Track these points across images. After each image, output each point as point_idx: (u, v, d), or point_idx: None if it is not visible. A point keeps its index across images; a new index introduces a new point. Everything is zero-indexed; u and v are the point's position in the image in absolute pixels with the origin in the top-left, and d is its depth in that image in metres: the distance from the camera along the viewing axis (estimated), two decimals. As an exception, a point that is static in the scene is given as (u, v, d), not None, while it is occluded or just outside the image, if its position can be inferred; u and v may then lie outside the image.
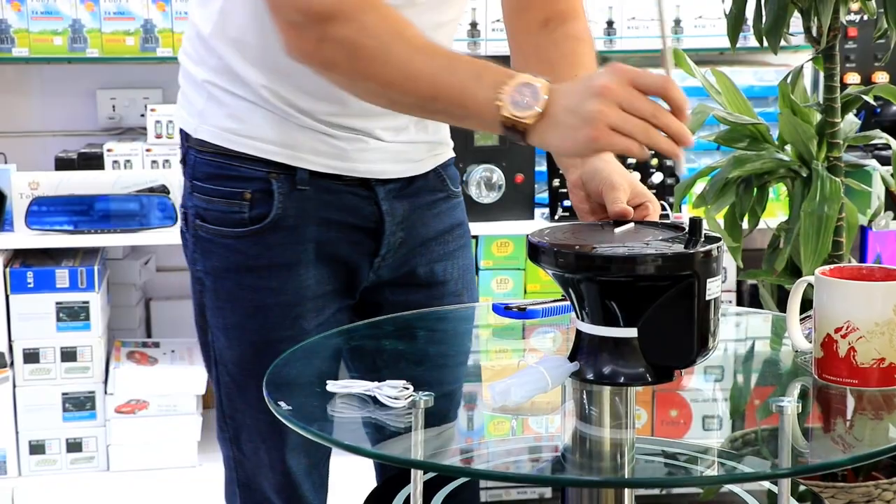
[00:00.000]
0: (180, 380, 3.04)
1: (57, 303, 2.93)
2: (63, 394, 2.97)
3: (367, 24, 1.32)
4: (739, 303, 3.25)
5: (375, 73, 1.32)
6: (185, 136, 1.58)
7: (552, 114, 1.25)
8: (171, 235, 2.94)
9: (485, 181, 3.00)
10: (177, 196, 2.95)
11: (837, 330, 1.27)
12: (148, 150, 3.04)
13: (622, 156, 1.31)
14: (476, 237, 3.06)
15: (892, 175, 2.27)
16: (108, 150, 3.03)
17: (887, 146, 2.30)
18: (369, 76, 1.33)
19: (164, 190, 2.94)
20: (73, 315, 2.94)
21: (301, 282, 1.54)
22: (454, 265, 1.66)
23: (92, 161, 3.02)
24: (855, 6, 2.22)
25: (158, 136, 3.05)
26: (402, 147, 1.58)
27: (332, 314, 1.57)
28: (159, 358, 3.13)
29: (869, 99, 2.28)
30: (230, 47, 1.50)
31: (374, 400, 1.25)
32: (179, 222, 1.61)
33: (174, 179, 2.96)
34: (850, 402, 1.27)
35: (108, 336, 3.12)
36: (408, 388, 1.24)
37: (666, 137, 1.23)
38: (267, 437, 1.57)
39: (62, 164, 3.02)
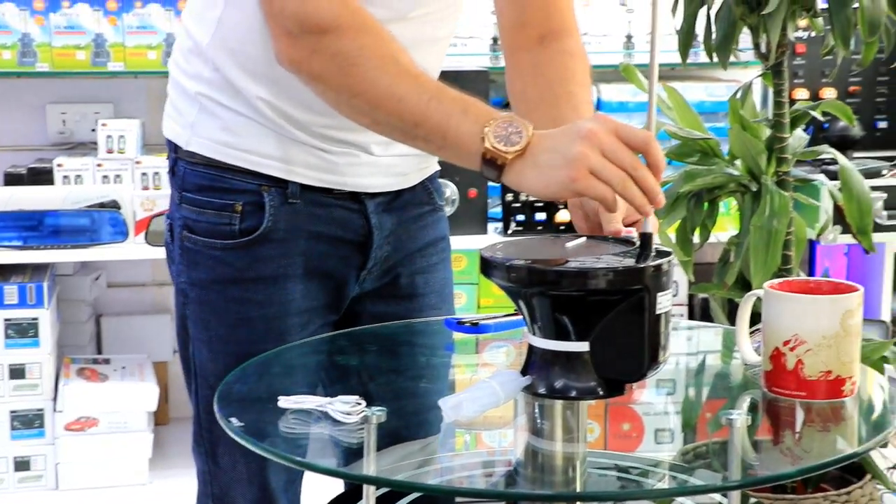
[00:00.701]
0: (131, 396, 3.01)
1: (5, 319, 2.90)
2: (11, 412, 2.94)
3: (363, 42, 1.34)
4: (691, 316, 3.28)
5: (365, 90, 1.34)
6: (174, 147, 1.57)
7: (534, 153, 1.27)
8: (122, 251, 2.92)
9: (438, 196, 3.00)
10: (128, 211, 2.93)
11: (785, 343, 1.28)
12: (99, 166, 3.02)
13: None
14: (429, 252, 3.06)
15: (839, 189, 2.30)
16: (59, 166, 3.01)
17: (835, 161, 2.33)
18: (358, 93, 1.34)
19: (114, 205, 2.92)
20: (21, 332, 2.91)
21: (287, 295, 1.54)
22: (435, 278, 1.67)
23: (42, 176, 3.00)
24: (803, 23, 2.25)
25: (109, 151, 3.03)
26: (392, 161, 1.59)
27: (317, 329, 1.57)
28: (110, 374, 3.10)
29: (817, 115, 2.31)
30: (229, 58, 1.50)
31: (327, 415, 1.25)
32: (165, 234, 1.59)
33: (125, 194, 2.95)
34: (799, 415, 1.29)
35: (58, 353, 3.10)
36: (360, 404, 1.24)
37: (640, 193, 1.24)
38: (247, 451, 1.56)
39: (11, 179, 3.00)
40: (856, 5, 2.04)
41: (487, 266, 1.21)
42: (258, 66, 1.49)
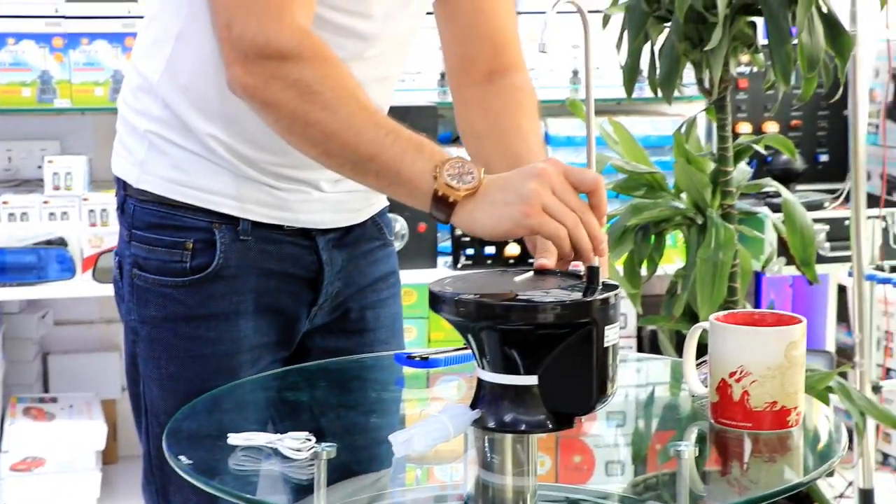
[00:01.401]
0: (79, 435, 2.97)
1: (-50, 358, 2.86)
2: (-44, 452, 2.89)
3: (325, 72, 1.33)
4: (640, 348, 3.30)
5: (321, 120, 1.32)
6: (123, 185, 1.56)
7: (485, 192, 1.28)
8: (68, 288, 2.89)
9: (388, 231, 3.00)
10: (75, 248, 2.91)
11: (731, 374, 1.29)
12: (45, 203, 3.00)
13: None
14: (379, 286, 3.06)
15: (783, 222, 2.33)
16: (4, 203, 2.98)
17: (778, 194, 2.36)
18: (314, 122, 1.33)
19: (61, 242, 2.90)
20: (-33, 371, 2.87)
21: (239, 332, 1.53)
22: (385, 313, 1.67)
23: (-13, 214, 2.97)
24: (745, 59, 2.29)
25: (56, 188, 3.00)
26: (342, 197, 1.59)
27: (268, 365, 1.57)
28: (57, 413, 3.06)
29: (760, 148, 2.34)
30: (180, 95, 1.50)
31: (277, 452, 1.24)
32: (114, 271, 1.58)
33: (72, 232, 2.92)
34: (746, 445, 1.30)
35: (3, 392, 3.05)
36: (310, 440, 1.24)
37: (587, 237, 1.26)
38: (199, 489, 1.55)
39: (-44, 216, 2.96)
40: (795, 42, 2.07)
41: (436, 301, 1.21)
42: (210, 104, 1.48)
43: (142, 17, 1.58)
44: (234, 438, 1.27)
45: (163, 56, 1.50)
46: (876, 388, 2.80)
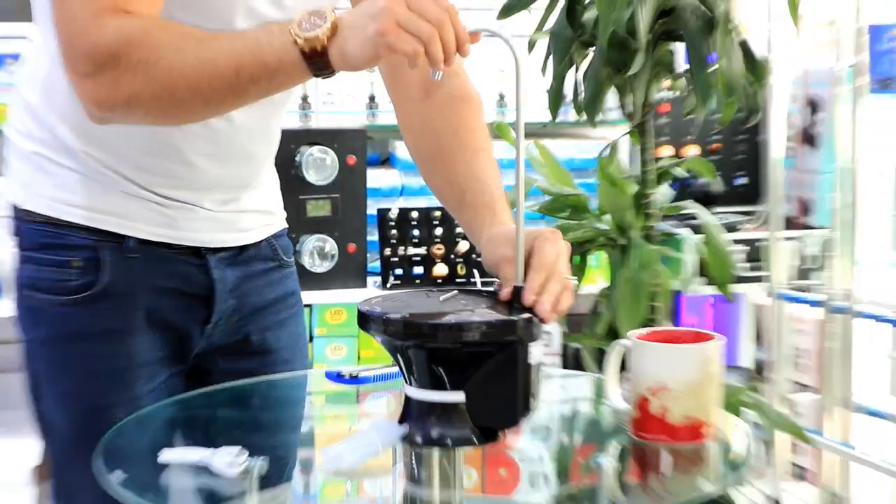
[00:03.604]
0: (11, 453, 2.93)
1: None
2: None
3: (154, 39, 1.29)
4: (564, 365, 3.31)
5: (176, 78, 1.28)
6: (13, 208, 1.56)
7: (344, 25, 1.25)
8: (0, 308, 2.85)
9: (318, 251, 3.01)
10: (4, 269, 2.87)
11: (651, 390, 1.31)
12: (-25, 222, 2.95)
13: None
14: (310, 306, 3.05)
15: (703, 243, 2.36)
16: (-66, 222, 2.93)
17: (697, 216, 2.39)
18: (173, 85, 1.28)
19: (-9, 262, 2.86)
20: None
21: (132, 348, 1.53)
22: (286, 333, 1.67)
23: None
24: (666, 84, 2.31)
25: (-14, 208, 2.96)
26: (231, 216, 1.59)
27: (165, 380, 1.56)
28: (-13, 432, 3.02)
29: (681, 171, 2.37)
30: (57, 117, 1.50)
31: (207, 469, 1.24)
32: (13, 293, 1.58)
33: (2, 252, 2.88)
34: (664, 458, 1.31)
35: (-67, 411, 3.00)
36: (242, 455, 1.24)
37: (443, 48, 1.22)
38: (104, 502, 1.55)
39: None
40: (714, 68, 2.10)
41: (365, 320, 1.22)
42: (83, 124, 1.46)
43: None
44: (166, 454, 1.27)
45: (40, 79, 1.50)
46: (788, 403, 2.85)
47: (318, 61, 1.25)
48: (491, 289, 1.33)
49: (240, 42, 1.28)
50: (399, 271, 3.09)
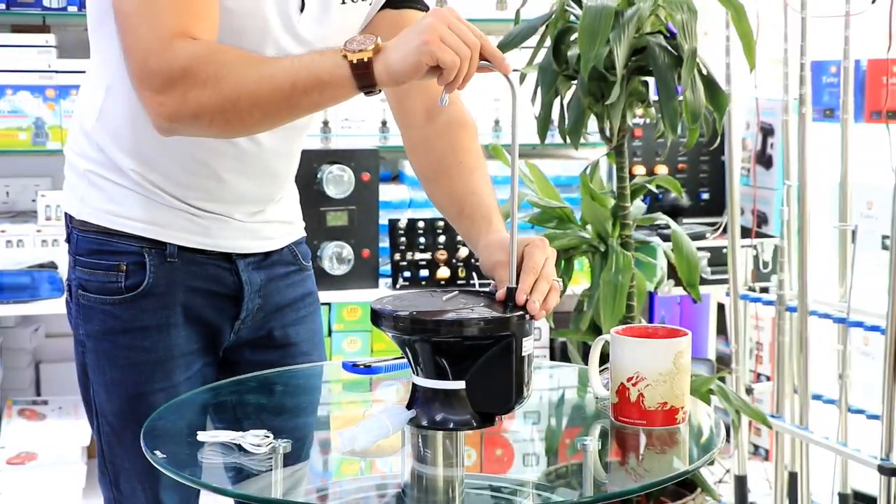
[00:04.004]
0: (66, 433, 2.92)
1: (-47, 367, 2.79)
2: (-43, 448, 2.81)
3: (221, 59, 1.29)
4: (552, 357, 3.30)
5: (240, 90, 1.27)
6: (69, 218, 1.55)
7: (389, 44, 1.25)
8: (58, 305, 2.83)
9: (336, 255, 2.99)
10: (64, 271, 2.86)
11: (629, 379, 1.29)
12: (38, 231, 2.95)
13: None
14: (329, 304, 3.04)
15: (672, 250, 2.35)
16: (2, 231, 2.92)
17: (668, 226, 2.38)
18: (236, 97, 1.27)
19: (52, 265, 2.85)
20: (-33, 378, 2.80)
21: (171, 341, 1.51)
22: (305, 328, 1.65)
23: (-13, 241, 2.90)
24: (639, 111, 2.30)
25: (48, 219, 2.96)
26: (258, 226, 1.58)
27: (199, 369, 1.55)
28: (48, 414, 3.00)
29: (652, 187, 2.36)
30: (108, 138, 1.48)
31: (240, 447, 1.22)
32: (65, 293, 1.56)
33: (61, 256, 2.87)
34: (641, 440, 1.30)
35: (1, 395, 2.98)
36: (268, 437, 1.22)
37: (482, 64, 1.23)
38: (143, 479, 1.52)
39: (-40, 243, 2.89)
40: (681, 98, 2.09)
41: (377, 317, 1.21)
42: (132, 147, 1.47)
43: None
44: (202, 435, 1.25)
45: (96, 105, 1.49)
46: (749, 391, 2.83)
47: (363, 74, 1.24)
48: (487, 290, 1.32)
49: (296, 60, 1.28)
50: (407, 274, 3.07)
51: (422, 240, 3.10)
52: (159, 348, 1.50)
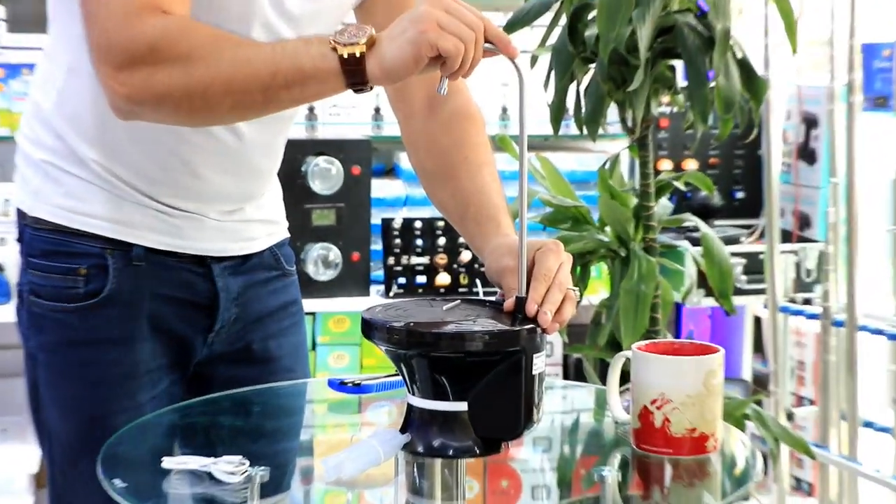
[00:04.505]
0: (12, 459, 2.91)
1: None
2: None
3: (195, 38, 1.28)
4: (566, 376, 3.30)
5: (212, 74, 1.26)
6: (21, 214, 1.55)
7: (383, 37, 1.24)
8: (7, 313, 2.83)
9: (322, 259, 2.99)
10: (11, 273, 2.85)
11: (653, 402, 1.29)
12: (-18, 228, 2.94)
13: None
14: (313, 314, 3.04)
15: (702, 255, 2.35)
16: (-58, 229, 2.92)
17: (697, 228, 2.38)
18: (208, 82, 1.27)
19: (-1, 268, 2.84)
20: None
21: (136, 355, 1.51)
22: (288, 341, 1.65)
23: (-75, 239, 2.90)
24: (665, 99, 2.30)
25: (-6, 214, 2.95)
26: (236, 226, 1.58)
27: (167, 387, 1.54)
28: (-8, 437, 3.00)
29: (680, 185, 2.36)
30: (67, 125, 1.48)
31: (210, 476, 1.22)
32: (14, 299, 1.56)
33: (9, 257, 2.86)
34: (667, 470, 1.30)
35: (-62, 415, 2.98)
36: (244, 464, 1.22)
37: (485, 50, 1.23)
38: None
39: None
40: (712, 85, 2.10)
41: (368, 328, 1.20)
42: (94, 134, 1.46)
43: None
44: (168, 462, 1.25)
45: (55, 87, 1.49)
46: (789, 416, 2.83)
47: (354, 70, 1.24)
48: (493, 298, 1.32)
49: (279, 46, 1.28)
50: (402, 280, 3.07)
51: (419, 242, 3.10)
52: (122, 363, 1.50)
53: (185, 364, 1.58)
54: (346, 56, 1.24)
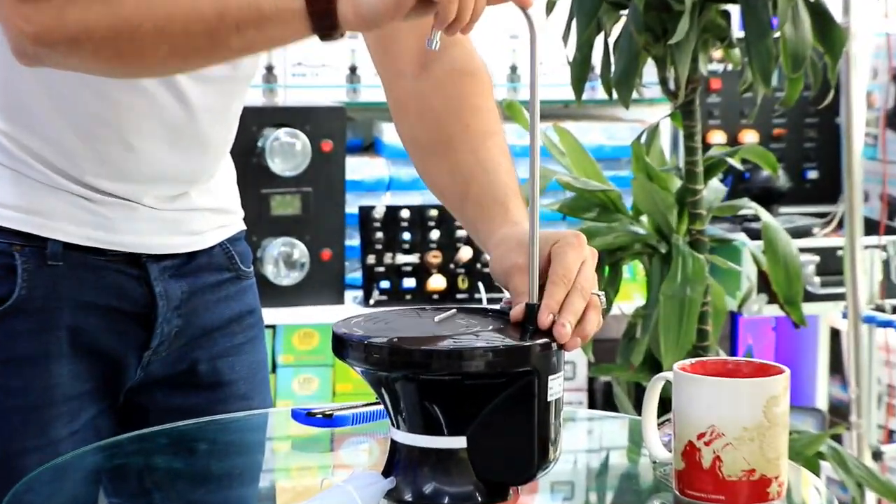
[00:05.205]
0: None
1: None
2: None
3: None
4: (591, 404, 3.31)
5: (144, 10, 1.27)
6: None
7: None
8: None
9: (284, 258, 3.00)
10: None
11: (700, 436, 1.29)
12: None
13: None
14: (273, 327, 3.05)
15: (763, 252, 2.35)
16: None
17: (757, 218, 2.39)
18: (137, 19, 1.27)
19: None
20: None
21: (50, 379, 1.51)
22: (242, 362, 1.66)
23: None
24: (717, 55, 2.32)
25: None
26: (179, 216, 1.58)
27: (91, 419, 1.55)
28: None
29: (735, 162, 2.37)
30: None
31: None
32: None
33: None
34: (718, 523, 1.31)
35: None
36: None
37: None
38: None
39: None
40: (777, 35, 2.10)
41: (342, 345, 1.21)
42: None
43: None
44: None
45: None
46: (876, 455, 2.84)
47: (322, 11, 1.25)
48: (499, 307, 1.32)
49: None
50: (385, 284, 3.09)
51: (406, 235, 3.11)
52: (34, 388, 1.51)
53: (114, 390, 1.58)
54: (313, 3, 1.24)
